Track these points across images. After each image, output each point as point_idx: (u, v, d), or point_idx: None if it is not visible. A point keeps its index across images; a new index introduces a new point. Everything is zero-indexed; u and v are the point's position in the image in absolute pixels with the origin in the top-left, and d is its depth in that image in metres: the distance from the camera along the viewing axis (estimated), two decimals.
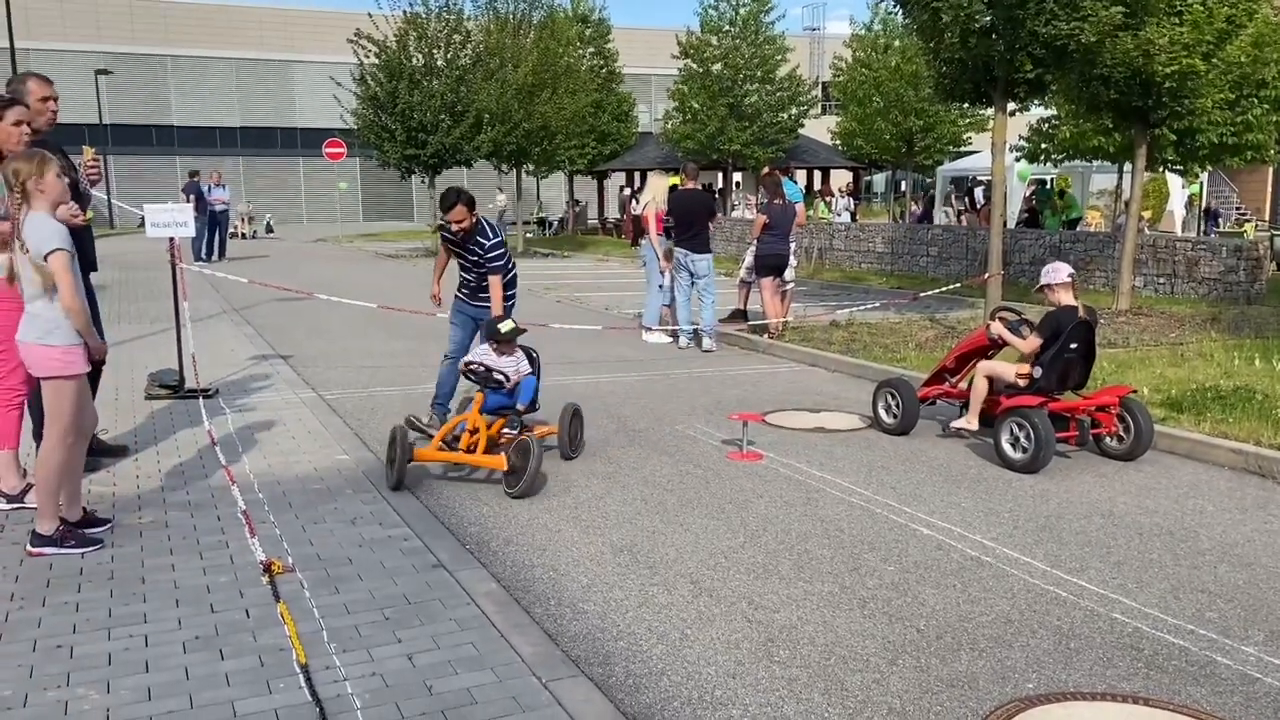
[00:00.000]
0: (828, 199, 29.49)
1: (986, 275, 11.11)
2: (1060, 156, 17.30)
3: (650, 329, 11.31)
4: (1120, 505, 5.50)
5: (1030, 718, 3.24)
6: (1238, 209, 27.96)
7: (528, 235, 30.12)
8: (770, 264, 11.06)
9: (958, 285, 13.62)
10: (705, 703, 3.36)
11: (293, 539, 4.63)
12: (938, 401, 7.28)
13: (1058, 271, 6.49)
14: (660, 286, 11.40)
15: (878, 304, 13.32)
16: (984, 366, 6.75)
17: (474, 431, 5.72)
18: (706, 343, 10.79)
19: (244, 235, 32.88)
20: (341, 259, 24.56)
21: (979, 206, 24.26)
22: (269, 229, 36.23)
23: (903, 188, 32.57)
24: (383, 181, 41.21)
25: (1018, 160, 18.48)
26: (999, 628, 3.94)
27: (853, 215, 29.29)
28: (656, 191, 11.85)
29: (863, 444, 6.82)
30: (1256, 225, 24.62)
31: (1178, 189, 22.91)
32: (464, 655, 3.49)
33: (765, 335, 10.93)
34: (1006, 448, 6.21)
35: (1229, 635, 3.88)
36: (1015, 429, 6.16)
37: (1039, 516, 5.30)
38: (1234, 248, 14.36)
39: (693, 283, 10.85)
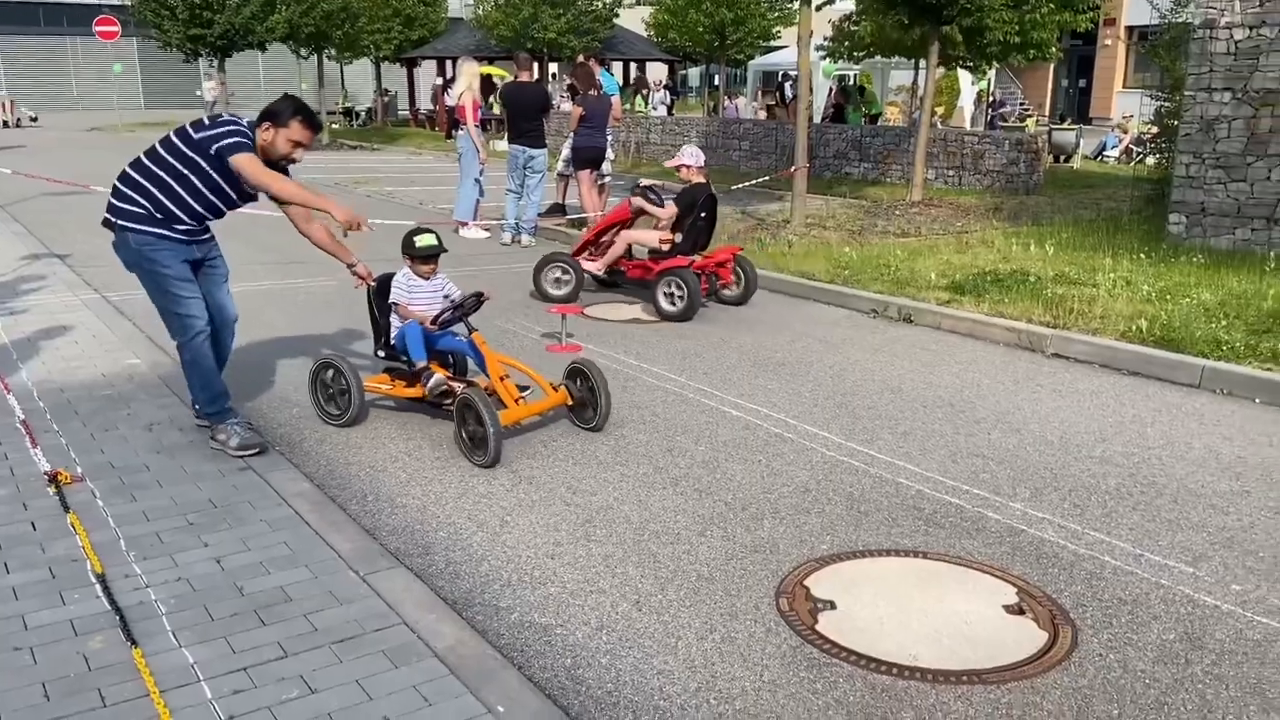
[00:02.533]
0: (644, 92, 29.32)
1: (793, 168, 11.46)
2: (860, 54, 17.84)
3: (466, 224, 11.06)
4: (908, 382, 5.94)
5: (822, 576, 3.53)
6: (1021, 104, 29.86)
7: (333, 126, 28.46)
8: (587, 156, 10.96)
9: (767, 178, 13.99)
10: (525, 583, 3.45)
11: (81, 448, 4.34)
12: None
13: (691, 154, 7.63)
14: (476, 180, 11.11)
15: None
16: (625, 235, 7.82)
17: (516, 380, 4.90)
18: (526, 238, 10.68)
19: (6, 123, 29.44)
20: (121, 149, 22.34)
21: (788, 102, 24.81)
22: (33, 119, 32.52)
23: (716, 81, 32.80)
24: (166, 64, 37.57)
25: (823, 59, 18.93)
26: (798, 497, 4.23)
27: (669, 109, 29.30)
28: (471, 79, 11.44)
29: (677, 334, 7.01)
30: (1037, 120, 26.42)
31: (968, 85, 24.17)
32: (277, 555, 3.42)
33: (584, 229, 10.91)
34: (663, 302, 7.32)
35: (999, 494, 4.32)
36: (670, 286, 7.30)
37: (836, 394, 5.66)
38: (1015, 141, 15.40)
39: (524, 179, 10.60)
